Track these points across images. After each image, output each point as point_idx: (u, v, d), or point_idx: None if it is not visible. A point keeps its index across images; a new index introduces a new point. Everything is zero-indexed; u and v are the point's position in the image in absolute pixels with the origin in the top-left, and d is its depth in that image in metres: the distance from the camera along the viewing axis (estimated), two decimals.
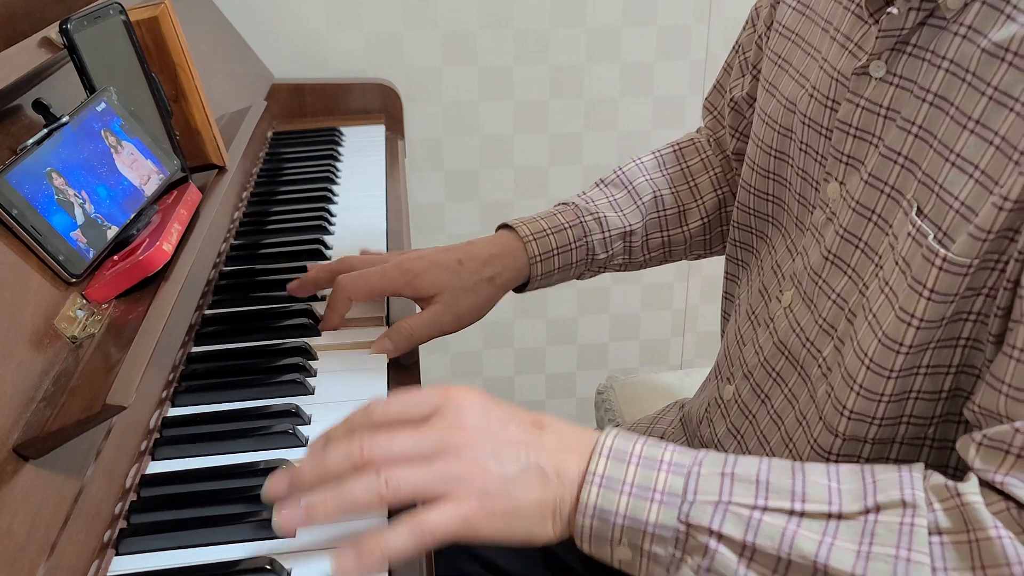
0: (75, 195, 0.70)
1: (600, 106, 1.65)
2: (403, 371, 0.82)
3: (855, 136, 0.69)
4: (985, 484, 0.56)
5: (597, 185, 0.99)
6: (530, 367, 1.81)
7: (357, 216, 1.14)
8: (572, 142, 1.66)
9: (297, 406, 0.73)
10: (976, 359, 0.62)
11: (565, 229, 0.92)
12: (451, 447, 0.58)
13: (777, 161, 0.80)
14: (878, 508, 0.56)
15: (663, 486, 0.58)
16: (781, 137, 0.79)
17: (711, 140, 1.01)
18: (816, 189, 0.74)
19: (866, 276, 0.68)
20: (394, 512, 0.62)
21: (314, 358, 0.82)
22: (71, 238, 0.68)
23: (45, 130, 0.70)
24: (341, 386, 0.78)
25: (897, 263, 0.63)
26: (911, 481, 0.56)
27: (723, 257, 0.95)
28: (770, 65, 0.82)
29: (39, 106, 0.71)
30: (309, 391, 0.77)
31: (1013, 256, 0.57)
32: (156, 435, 0.71)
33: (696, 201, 0.98)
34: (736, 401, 0.83)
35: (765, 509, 0.56)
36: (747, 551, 0.56)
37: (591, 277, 0.98)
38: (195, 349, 0.83)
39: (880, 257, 0.66)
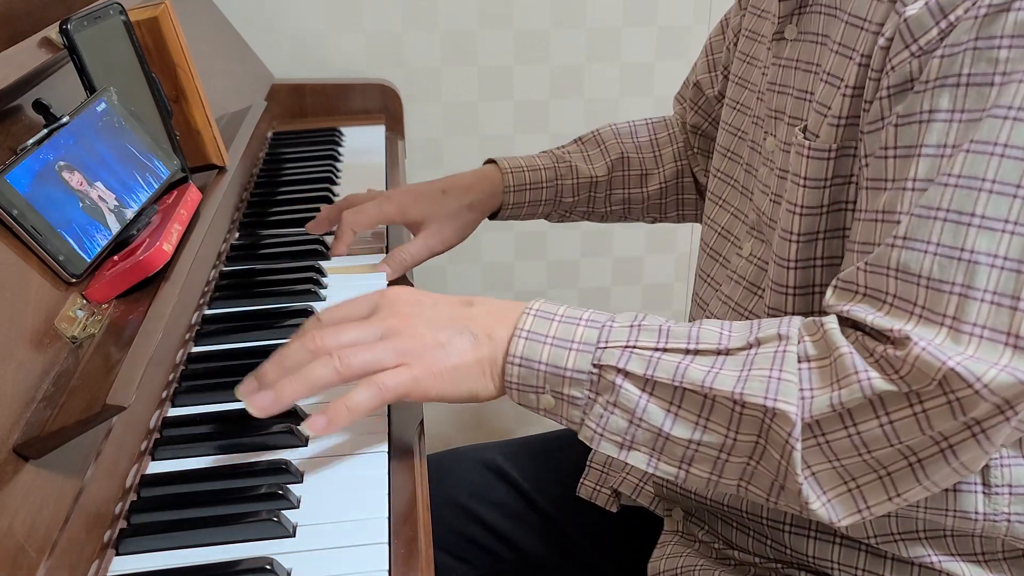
0: (75, 195, 0.70)
1: (600, 106, 1.65)
2: None
3: (778, 92, 0.78)
4: (840, 320, 0.64)
5: (575, 142, 1.11)
6: None
7: None
8: None
9: (297, 405, 0.73)
10: None
11: (540, 170, 1.05)
12: (392, 330, 0.68)
13: (737, 140, 0.88)
14: (759, 342, 0.65)
15: (580, 337, 0.66)
16: (744, 117, 0.87)
17: (679, 122, 1.11)
18: (759, 152, 0.81)
19: None
20: None
21: None
22: (71, 238, 0.68)
23: (45, 130, 0.70)
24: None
25: (789, 169, 0.73)
26: (788, 321, 0.66)
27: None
28: (739, 63, 0.90)
29: (39, 106, 0.71)
30: None
31: (861, 139, 0.66)
32: (156, 435, 0.71)
33: (658, 168, 1.08)
34: None
35: (665, 350, 0.65)
36: (648, 384, 0.65)
37: (557, 220, 1.10)
38: (195, 349, 0.83)
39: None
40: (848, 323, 0.64)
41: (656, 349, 0.65)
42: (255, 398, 0.65)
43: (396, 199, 1.00)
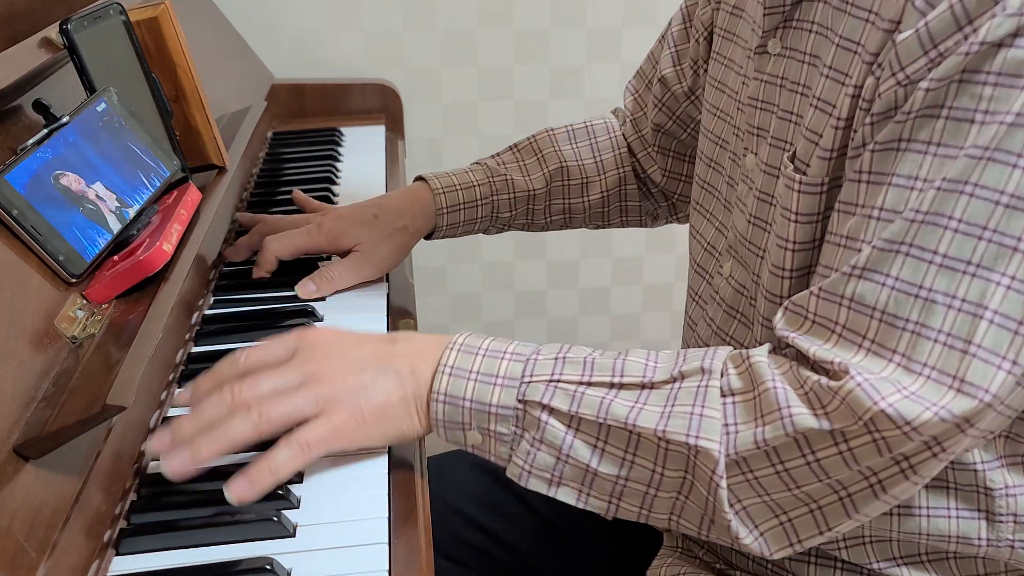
0: (75, 195, 0.70)
1: (600, 106, 1.64)
2: None
3: (761, 108, 0.75)
4: (783, 346, 0.64)
5: (510, 149, 1.07)
6: None
7: None
8: None
9: None
10: None
11: (474, 186, 1.00)
12: (312, 376, 0.65)
13: (719, 149, 0.85)
14: (682, 376, 0.64)
15: (505, 372, 0.65)
16: (726, 125, 0.84)
17: (629, 120, 1.07)
18: (739, 166, 0.79)
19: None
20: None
21: None
22: (71, 238, 0.68)
23: (45, 130, 0.70)
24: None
25: (779, 202, 0.70)
26: (713, 353, 0.65)
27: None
28: (717, 66, 0.87)
29: (39, 106, 0.71)
30: None
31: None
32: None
33: (599, 175, 1.05)
34: None
35: (589, 384, 0.64)
36: (573, 421, 0.64)
37: (496, 233, 1.06)
38: (195, 349, 0.83)
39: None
40: (789, 351, 0.63)
41: (580, 383, 0.64)
42: (171, 459, 0.62)
43: (327, 228, 0.94)
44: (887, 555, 0.71)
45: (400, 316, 0.91)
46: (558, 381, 0.64)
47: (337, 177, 1.25)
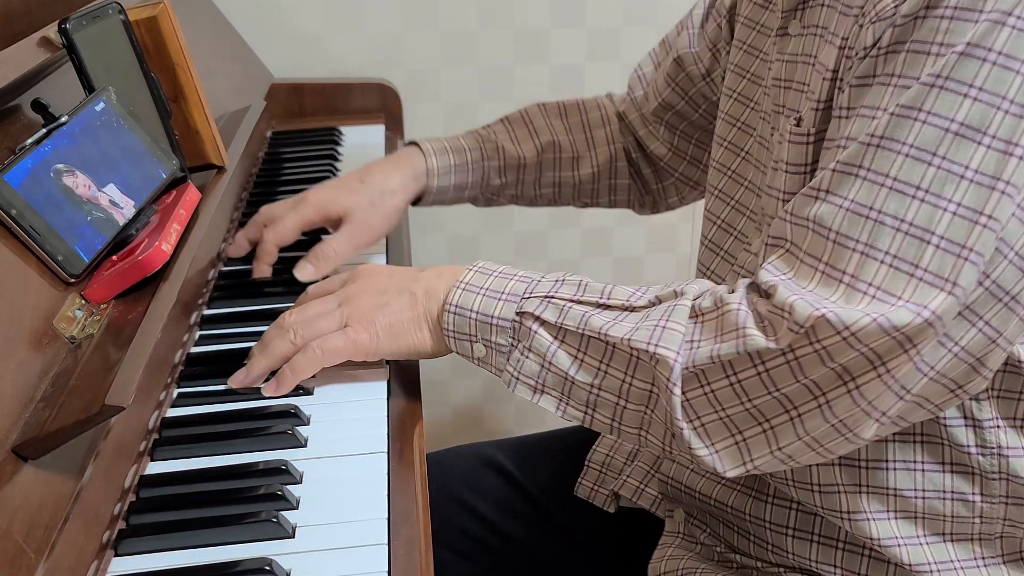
0: (74, 195, 0.70)
1: None
2: (403, 370, 0.82)
3: (783, 87, 0.77)
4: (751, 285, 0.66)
5: (501, 121, 1.07)
6: None
7: None
8: None
9: (296, 406, 0.73)
10: None
11: (465, 151, 1.01)
12: (347, 298, 0.76)
13: (738, 132, 0.86)
14: (659, 300, 0.69)
15: (510, 289, 0.72)
16: (748, 110, 0.85)
17: (629, 98, 1.07)
18: (768, 149, 0.80)
19: None
20: None
21: None
22: (70, 238, 0.68)
23: (44, 130, 0.69)
24: (339, 385, 0.78)
25: (775, 154, 0.73)
26: (691, 281, 0.70)
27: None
28: (736, 52, 0.87)
29: (38, 106, 0.71)
30: (308, 391, 0.76)
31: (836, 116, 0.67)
32: (155, 436, 0.71)
33: (590, 151, 1.06)
34: None
35: (578, 302, 0.70)
36: (560, 332, 0.69)
37: (485, 205, 1.08)
38: (194, 349, 0.83)
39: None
40: (755, 288, 0.66)
41: (571, 300, 0.70)
42: (233, 376, 0.75)
43: (313, 200, 0.96)
44: (888, 530, 0.72)
45: None
46: (552, 297, 0.70)
47: (336, 177, 1.25)
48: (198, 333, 0.85)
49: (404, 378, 0.80)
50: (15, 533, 0.52)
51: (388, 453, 0.70)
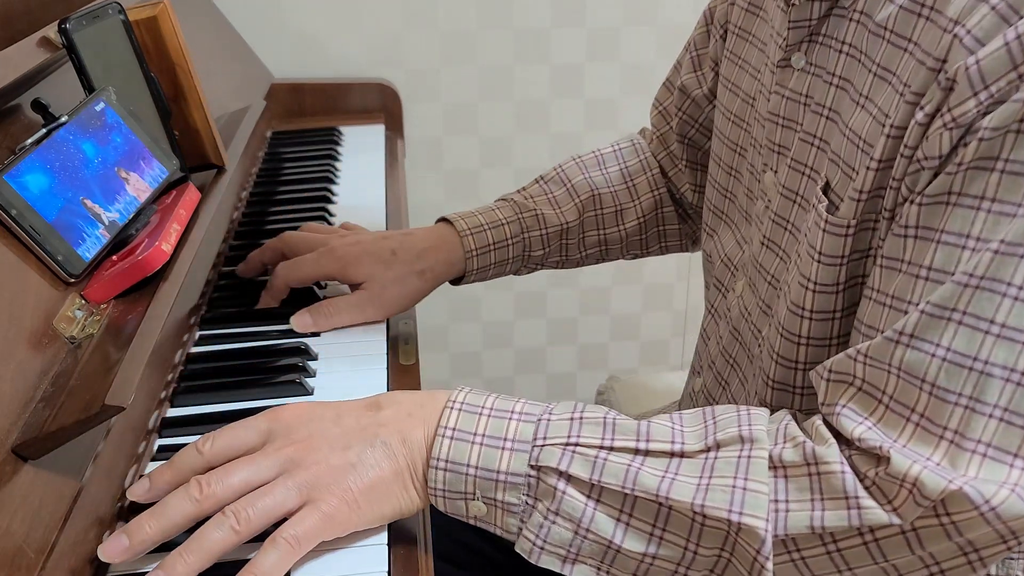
0: (73, 195, 0.70)
1: (600, 106, 1.65)
2: (403, 372, 0.82)
3: (782, 125, 0.71)
4: (829, 425, 0.58)
5: (537, 182, 0.99)
6: (530, 367, 1.81)
7: (356, 216, 1.13)
8: (572, 142, 1.66)
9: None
10: None
11: (503, 225, 0.93)
12: (291, 461, 0.59)
13: (737, 156, 0.82)
14: (718, 446, 0.58)
15: (514, 434, 0.59)
16: (743, 132, 0.81)
17: (656, 137, 1.01)
18: (758, 180, 0.76)
19: (792, 255, 0.70)
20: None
21: (313, 358, 0.81)
22: (70, 238, 0.68)
23: (44, 130, 0.69)
24: (340, 386, 0.78)
25: (806, 235, 0.66)
26: (748, 419, 0.59)
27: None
28: (730, 65, 0.84)
29: (38, 106, 0.71)
30: (308, 391, 0.76)
31: (882, 214, 0.60)
32: (155, 436, 0.71)
33: (633, 201, 0.98)
34: (703, 392, 0.85)
35: (611, 449, 0.59)
36: (594, 491, 0.58)
37: (527, 273, 0.98)
38: (194, 349, 0.83)
39: (802, 235, 0.69)
40: (834, 432, 0.58)
41: (601, 448, 0.59)
42: (110, 543, 0.56)
43: (339, 254, 0.87)
44: None
45: (401, 341, 0.88)
46: (576, 445, 0.59)
47: (336, 177, 1.25)
48: (198, 333, 0.85)
49: (405, 381, 0.80)
50: (15, 533, 0.52)
51: None
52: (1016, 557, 0.67)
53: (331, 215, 1.12)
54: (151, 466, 0.68)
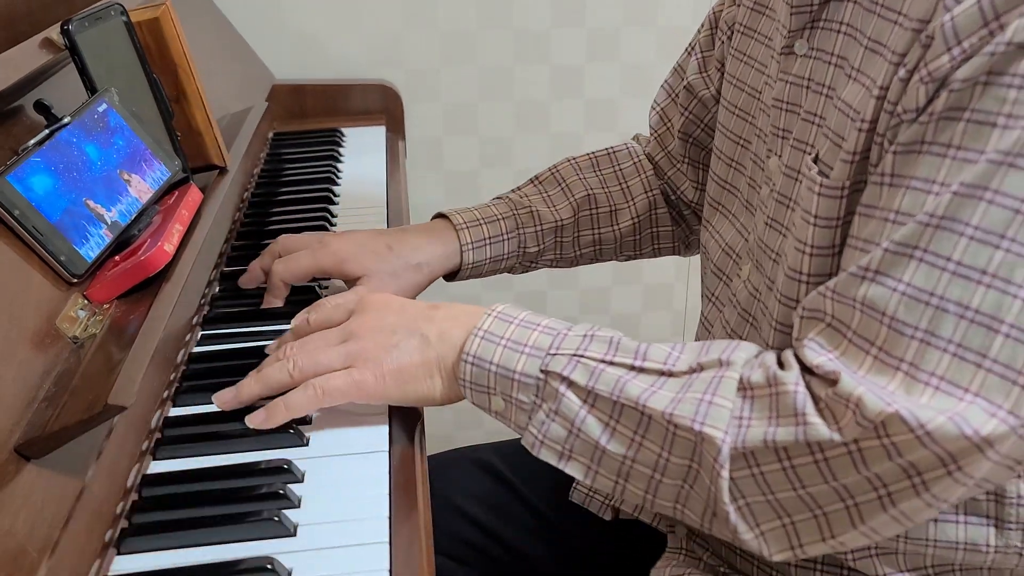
0: (76, 195, 0.70)
1: (600, 106, 1.65)
2: None
3: (786, 110, 0.73)
4: (796, 356, 0.62)
5: (532, 182, 1.01)
6: None
7: (358, 217, 1.14)
8: (572, 143, 1.66)
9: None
10: None
11: (498, 220, 0.95)
12: (353, 333, 0.71)
13: (740, 148, 0.83)
14: (701, 367, 0.64)
15: (533, 342, 0.67)
16: (747, 124, 0.82)
17: (654, 138, 1.03)
18: (762, 168, 0.77)
19: (791, 228, 0.71)
20: None
21: None
22: (72, 238, 0.68)
23: (47, 131, 0.70)
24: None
25: (799, 203, 0.68)
26: (735, 347, 0.65)
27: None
28: (735, 62, 0.85)
29: (40, 107, 0.71)
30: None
31: (871, 172, 0.62)
32: (157, 435, 0.71)
33: (628, 202, 1.01)
34: None
35: (611, 363, 0.65)
36: (589, 396, 0.65)
37: (523, 272, 1.01)
38: (196, 349, 0.83)
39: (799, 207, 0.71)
40: (799, 361, 0.62)
41: (602, 361, 0.65)
42: (220, 394, 0.72)
43: (334, 248, 0.88)
44: (893, 566, 0.70)
45: None
46: (581, 356, 0.65)
47: (338, 177, 1.26)
48: (200, 333, 0.86)
49: None
50: (18, 532, 0.52)
51: (389, 452, 0.70)
52: (1013, 528, 0.68)
53: (333, 216, 1.13)
54: (153, 465, 0.69)
